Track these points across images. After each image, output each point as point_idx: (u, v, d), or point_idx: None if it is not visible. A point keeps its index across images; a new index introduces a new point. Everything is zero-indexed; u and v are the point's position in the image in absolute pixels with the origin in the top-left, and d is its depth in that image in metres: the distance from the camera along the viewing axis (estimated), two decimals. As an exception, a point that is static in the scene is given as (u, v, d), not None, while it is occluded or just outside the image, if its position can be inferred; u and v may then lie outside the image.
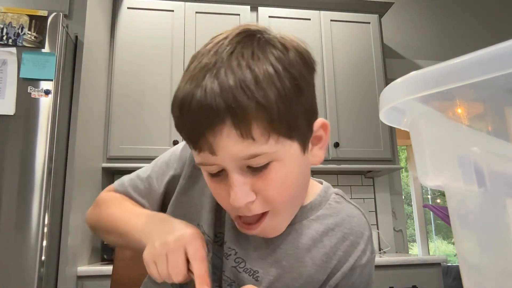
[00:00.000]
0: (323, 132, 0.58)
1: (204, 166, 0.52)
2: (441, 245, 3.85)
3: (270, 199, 0.52)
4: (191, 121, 0.48)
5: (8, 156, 1.48)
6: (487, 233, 0.31)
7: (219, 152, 0.48)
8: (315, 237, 0.62)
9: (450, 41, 3.02)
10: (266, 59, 0.48)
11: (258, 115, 0.46)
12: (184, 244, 0.51)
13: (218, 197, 0.55)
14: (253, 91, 0.46)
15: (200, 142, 0.48)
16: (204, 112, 0.46)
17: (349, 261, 0.62)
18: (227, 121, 0.46)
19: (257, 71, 0.47)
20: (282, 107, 0.47)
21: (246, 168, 0.50)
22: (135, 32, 2.27)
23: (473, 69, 0.26)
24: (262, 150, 0.48)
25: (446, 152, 0.32)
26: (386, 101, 0.33)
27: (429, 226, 3.67)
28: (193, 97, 0.47)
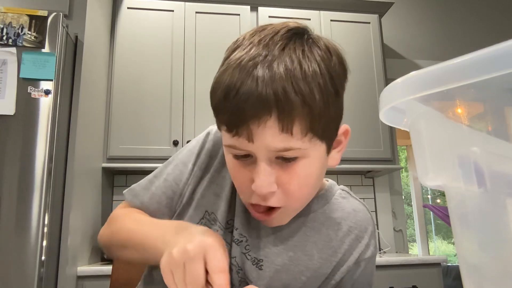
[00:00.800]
0: (343, 137, 0.60)
1: (234, 149, 0.53)
2: (441, 245, 3.85)
3: (290, 193, 0.53)
4: (237, 107, 0.49)
5: (8, 156, 1.48)
6: (487, 233, 0.31)
7: (257, 140, 0.50)
8: (322, 230, 0.64)
9: (450, 41, 3.02)
10: (314, 59, 0.50)
11: (302, 112, 0.49)
12: (204, 254, 0.46)
13: (237, 180, 0.56)
14: (301, 87, 0.48)
15: (240, 128, 0.50)
16: (253, 101, 0.48)
17: (354, 254, 0.64)
18: (273, 113, 0.48)
19: (306, 69, 0.49)
20: (323, 108, 0.50)
21: (274, 159, 0.52)
22: (135, 32, 2.27)
23: (473, 69, 0.26)
24: (297, 145, 0.50)
25: (446, 152, 0.32)
26: (386, 101, 0.33)
27: (429, 226, 3.67)
28: (242, 84, 0.48)
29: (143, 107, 2.18)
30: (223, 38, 2.34)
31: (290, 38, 0.52)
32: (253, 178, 0.52)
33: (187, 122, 2.19)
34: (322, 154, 0.54)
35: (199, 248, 0.46)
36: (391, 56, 2.87)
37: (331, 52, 0.53)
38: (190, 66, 2.27)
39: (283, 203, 0.54)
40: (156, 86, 2.22)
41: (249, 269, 0.63)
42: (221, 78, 0.51)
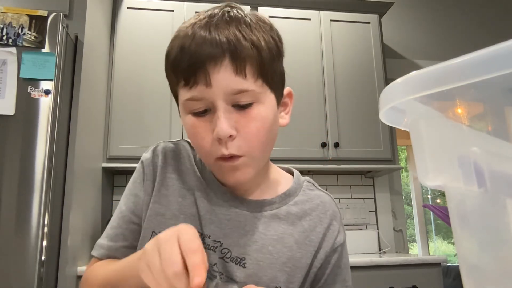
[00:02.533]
0: (288, 99, 0.67)
1: (193, 101, 0.56)
2: (441, 245, 3.85)
3: (249, 137, 0.57)
4: (193, 52, 0.54)
5: (8, 156, 1.48)
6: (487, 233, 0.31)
7: (214, 83, 0.54)
8: (295, 221, 0.67)
9: (450, 41, 3.02)
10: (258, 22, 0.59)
11: (252, 55, 0.55)
12: (177, 235, 0.46)
13: (199, 137, 0.58)
14: (250, 35, 0.56)
15: (198, 73, 0.54)
16: (208, 45, 0.54)
17: (329, 241, 0.68)
18: (226, 55, 0.54)
19: (252, 24, 0.57)
20: (269, 57, 0.57)
21: (231, 107, 0.56)
22: (135, 32, 2.27)
23: (473, 69, 0.26)
24: (250, 87, 0.55)
25: (446, 152, 0.32)
26: (386, 101, 0.33)
27: (429, 226, 3.67)
28: (196, 34, 0.55)
29: (143, 107, 2.18)
30: (223, 38, 2.34)
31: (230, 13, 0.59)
32: (214, 127, 0.55)
33: (187, 122, 2.19)
34: (273, 103, 0.60)
35: (170, 233, 0.46)
36: (391, 56, 2.87)
37: (268, 22, 0.61)
38: (190, 66, 2.26)
39: (244, 150, 0.57)
40: (156, 86, 2.22)
41: (233, 269, 0.62)
42: (174, 40, 0.57)
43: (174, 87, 0.61)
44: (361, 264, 1.86)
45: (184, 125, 0.61)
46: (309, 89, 2.35)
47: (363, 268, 1.86)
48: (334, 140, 2.29)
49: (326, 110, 2.34)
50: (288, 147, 2.24)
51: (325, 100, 2.35)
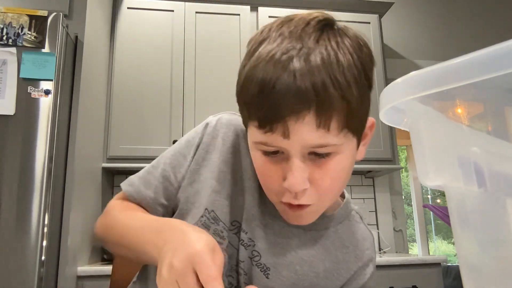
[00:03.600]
0: (369, 130, 0.59)
1: (265, 146, 0.51)
2: (441, 245, 3.85)
3: (322, 190, 0.52)
4: (273, 103, 0.46)
5: (8, 156, 1.48)
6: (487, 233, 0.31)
7: (293, 137, 0.47)
8: (331, 250, 0.63)
9: (450, 41, 3.02)
10: (348, 50, 0.49)
11: (340, 107, 0.47)
12: (193, 266, 0.44)
13: (266, 178, 0.54)
14: (339, 81, 0.46)
15: (275, 124, 0.47)
16: (291, 96, 0.46)
17: (358, 282, 0.64)
18: (312, 108, 0.46)
19: (342, 61, 0.47)
20: (359, 103, 0.49)
21: (307, 155, 0.50)
22: (135, 32, 2.27)
23: (473, 69, 0.26)
24: (333, 141, 0.48)
25: (446, 152, 0.32)
26: (386, 101, 0.33)
27: (429, 226, 3.67)
28: (278, 78, 0.46)
29: (143, 107, 2.18)
30: (223, 38, 2.34)
31: (322, 30, 0.51)
32: (285, 175, 0.50)
33: (187, 122, 2.19)
34: (353, 148, 0.53)
35: (185, 262, 0.44)
36: (391, 56, 2.87)
37: (361, 43, 0.52)
38: (190, 66, 2.27)
39: (314, 200, 0.52)
40: (156, 86, 2.22)
41: (256, 275, 0.61)
42: (253, 72, 0.48)
43: (243, 118, 0.55)
44: (361, 264, 1.85)
45: (254, 161, 0.56)
46: (309, 89, 2.35)
47: (363, 268, 1.86)
48: (334, 140, 2.29)
49: (326, 110, 2.33)
50: (288, 147, 2.24)
51: (325, 100, 2.35)
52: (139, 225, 0.57)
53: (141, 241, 0.54)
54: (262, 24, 2.40)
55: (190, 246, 0.45)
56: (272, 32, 0.52)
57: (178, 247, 0.45)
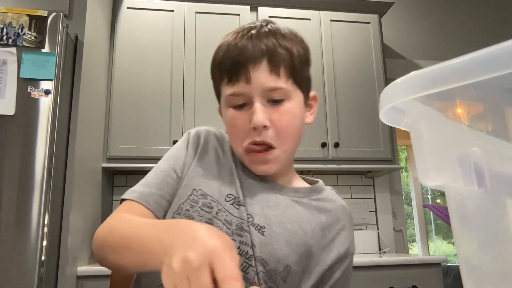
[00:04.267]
0: (313, 102, 0.78)
1: (234, 96, 0.68)
2: (441, 245, 3.85)
3: (280, 130, 0.67)
4: (237, 55, 0.66)
5: (8, 156, 1.48)
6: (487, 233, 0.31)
7: (253, 81, 0.66)
8: (315, 213, 0.73)
9: (450, 41, 3.02)
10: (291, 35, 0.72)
11: (284, 60, 0.67)
12: (210, 261, 0.41)
13: (237, 126, 0.68)
14: (285, 43, 0.69)
15: (239, 72, 0.66)
16: (250, 49, 0.66)
17: (344, 244, 0.73)
18: (264, 57, 0.66)
19: (286, 36, 0.70)
20: (299, 62, 0.70)
21: (266, 103, 0.67)
22: (135, 32, 2.27)
23: (473, 69, 0.26)
24: (282, 85, 0.67)
25: (446, 152, 0.32)
26: (386, 101, 0.33)
27: (429, 226, 3.67)
28: (238, 42, 0.68)
29: (143, 107, 2.18)
30: (223, 38, 2.34)
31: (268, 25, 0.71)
32: (251, 119, 0.65)
33: (187, 122, 2.19)
34: (301, 101, 0.71)
35: (202, 256, 0.41)
36: (391, 56, 2.87)
37: (299, 36, 0.74)
38: (190, 66, 2.27)
39: (275, 140, 0.67)
40: (156, 86, 2.22)
41: (253, 233, 0.67)
42: (222, 45, 0.70)
43: (217, 85, 0.72)
44: (361, 264, 1.86)
45: (225, 118, 0.71)
46: (309, 89, 2.35)
47: (363, 268, 1.86)
48: (334, 140, 2.29)
49: (326, 110, 2.33)
50: (288, 147, 2.24)
51: (325, 100, 2.35)
52: (144, 226, 0.56)
53: (146, 240, 0.51)
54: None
55: (208, 241, 0.43)
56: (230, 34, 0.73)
57: (193, 242, 0.43)
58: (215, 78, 0.73)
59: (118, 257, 0.58)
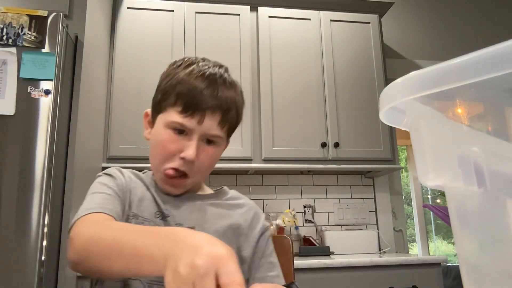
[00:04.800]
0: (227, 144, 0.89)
1: (180, 126, 0.75)
2: (441, 245, 3.85)
3: (201, 167, 0.78)
4: (201, 99, 0.75)
5: (8, 156, 1.48)
6: (487, 233, 0.31)
7: (204, 124, 0.76)
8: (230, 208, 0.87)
9: (450, 41, 3.02)
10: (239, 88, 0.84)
11: (232, 120, 0.80)
12: (216, 268, 0.42)
13: (169, 149, 0.76)
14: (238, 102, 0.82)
15: (197, 112, 0.75)
16: (213, 98, 0.76)
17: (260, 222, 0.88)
18: (220, 112, 0.77)
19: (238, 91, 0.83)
20: (237, 121, 0.83)
21: (201, 141, 0.77)
22: (135, 32, 2.27)
23: (473, 69, 0.26)
24: (221, 135, 0.79)
25: (446, 152, 0.32)
26: (386, 101, 0.33)
27: (429, 226, 3.67)
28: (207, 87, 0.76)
29: (143, 107, 2.17)
30: (223, 38, 2.34)
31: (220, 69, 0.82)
32: (183, 149, 0.75)
33: (187, 122, 2.19)
34: (224, 146, 0.83)
35: (210, 262, 0.42)
36: (391, 56, 2.87)
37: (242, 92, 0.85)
38: (190, 66, 2.26)
39: (192, 173, 0.77)
40: (156, 86, 2.21)
41: None
42: (190, 78, 0.77)
43: (165, 103, 0.79)
44: (361, 264, 1.86)
45: (158, 135, 0.78)
46: (309, 89, 2.35)
47: (363, 268, 1.86)
48: (334, 140, 2.29)
49: (326, 110, 2.33)
50: (288, 147, 2.24)
51: (325, 100, 2.35)
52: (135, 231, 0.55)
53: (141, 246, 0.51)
54: (262, 24, 2.40)
55: (214, 249, 0.44)
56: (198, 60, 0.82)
57: (200, 248, 0.44)
58: (167, 97, 0.78)
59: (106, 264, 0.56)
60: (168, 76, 0.82)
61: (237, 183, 2.47)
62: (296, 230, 2.38)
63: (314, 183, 2.56)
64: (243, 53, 2.33)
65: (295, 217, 2.36)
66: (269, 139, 2.23)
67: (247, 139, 2.21)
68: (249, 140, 2.21)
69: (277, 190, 2.51)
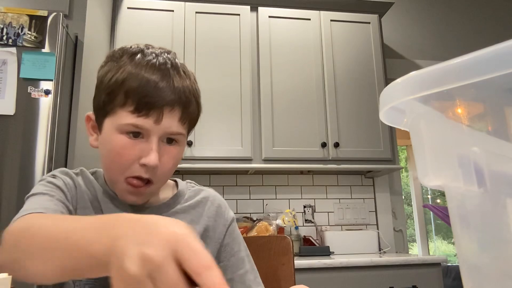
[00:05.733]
0: None
1: (133, 127, 0.65)
2: (441, 245, 3.85)
3: (165, 171, 0.69)
4: (156, 95, 0.65)
5: (8, 156, 1.48)
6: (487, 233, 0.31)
7: (163, 123, 0.66)
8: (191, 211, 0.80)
9: (450, 41, 3.02)
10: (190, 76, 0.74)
11: (193, 113, 0.71)
12: (174, 254, 0.34)
13: (125, 157, 0.66)
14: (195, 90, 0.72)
15: (152, 110, 0.65)
16: (168, 91, 0.66)
17: (224, 217, 0.82)
18: (179, 106, 0.67)
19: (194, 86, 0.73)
20: (198, 113, 0.74)
21: (161, 141, 0.68)
22: (135, 32, 2.27)
23: (473, 69, 0.26)
24: (182, 132, 0.69)
25: (446, 152, 0.32)
26: (386, 101, 0.33)
27: (429, 226, 3.67)
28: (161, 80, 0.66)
29: (143, 107, 2.18)
30: (223, 38, 2.34)
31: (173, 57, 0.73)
32: (141, 155, 0.66)
33: (187, 122, 2.19)
34: (185, 144, 0.74)
35: (164, 250, 0.33)
36: (391, 56, 2.87)
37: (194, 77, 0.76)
38: (190, 66, 2.25)
39: (157, 179, 0.69)
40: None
41: None
42: (138, 71, 0.66)
43: (111, 104, 0.67)
44: (361, 264, 1.86)
45: (109, 142, 0.67)
46: (309, 89, 2.35)
47: (363, 268, 1.86)
48: (334, 140, 2.29)
49: (326, 110, 2.33)
50: (288, 147, 2.24)
51: (325, 100, 2.35)
52: (73, 223, 0.45)
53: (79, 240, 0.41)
54: (262, 24, 2.40)
55: (167, 231, 0.35)
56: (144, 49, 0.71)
57: (147, 236, 0.35)
58: (114, 97, 0.66)
59: (37, 263, 0.46)
60: (111, 71, 0.68)
61: (237, 183, 2.47)
62: (296, 230, 2.38)
63: (314, 183, 2.56)
64: (243, 53, 2.33)
65: (295, 217, 2.36)
66: (269, 139, 2.23)
67: (247, 139, 2.21)
68: (249, 140, 2.21)
69: (277, 190, 2.51)
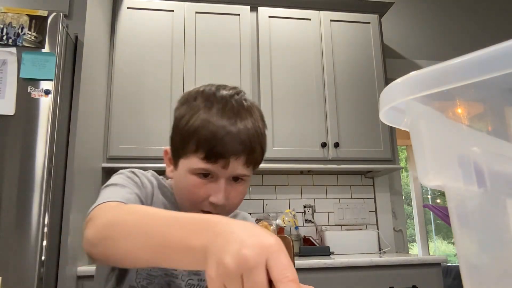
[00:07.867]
0: None
1: (204, 170, 0.73)
2: (441, 245, 3.85)
3: (232, 207, 0.78)
4: (224, 145, 0.72)
5: (8, 156, 1.48)
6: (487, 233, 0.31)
7: (229, 168, 0.74)
8: None
9: (450, 41, 3.01)
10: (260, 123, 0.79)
11: (257, 158, 0.78)
12: (266, 260, 0.37)
13: (196, 195, 0.75)
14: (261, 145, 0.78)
15: (220, 159, 0.72)
16: (235, 142, 0.73)
17: None
18: (244, 155, 0.74)
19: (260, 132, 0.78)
20: (262, 157, 0.79)
21: (228, 180, 0.76)
22: (135, 32, 2.27)
23: (473, 69, 0.26)
24: (247, 174, 0.77)
25: (446, 152, 0.32)
26: (386, 101, 0.33)
27: (429, 226, 3.67)
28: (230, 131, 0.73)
29: (143, 107, 2.18)
30: (223, 38, 2.34)
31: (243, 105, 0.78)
32: (210, 193, 0.74)
33: (187, 122, 2.19)
34: (249, 181, 0.81)
35: (260, 254, 0.37)
36: (391, 56, 2.87)
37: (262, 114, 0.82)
38: (190, 66, 2.27)
39: (226, 212, 0.77)
40: (156, 86, 2.21)
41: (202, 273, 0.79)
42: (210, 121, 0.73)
43: (184, 150, 0.75)
44: (361, 264, 1.86)
45: (183, 181, 0.76)
46: (309, 89, 2.35)
47: (363, 268, 1.86)
48: (334, 140, 2.29)
49: (326, 110, 2.33)
50: (288, 147, 2.24)
51: (325, 100, 2.35)
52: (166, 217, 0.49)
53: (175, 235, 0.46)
54: (262, 24, 2.40)
55: (263, 239, 0.39)
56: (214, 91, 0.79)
57: (246, 237, 0.39)
58: (187, 144, 0.74)
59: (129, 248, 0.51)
60: (186, 116, 0.75)
61: (237, 183, 2.47)
62: (296, 230, 2.38)
63: (314, 183, 2.56)
64: (243, 53, 2.33)
65: (295, 217, 2.36)
66: (269, 139, 2.23)
67: (247, 139, 2.20)
68: (249, 140, 2.21)
69: (277, 190, 2.51)
